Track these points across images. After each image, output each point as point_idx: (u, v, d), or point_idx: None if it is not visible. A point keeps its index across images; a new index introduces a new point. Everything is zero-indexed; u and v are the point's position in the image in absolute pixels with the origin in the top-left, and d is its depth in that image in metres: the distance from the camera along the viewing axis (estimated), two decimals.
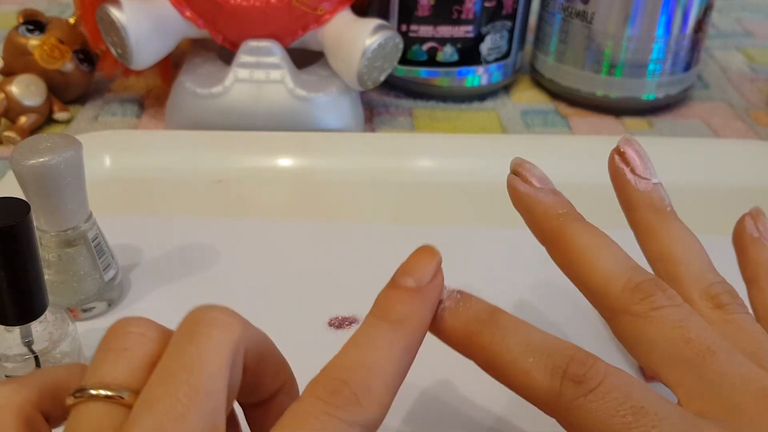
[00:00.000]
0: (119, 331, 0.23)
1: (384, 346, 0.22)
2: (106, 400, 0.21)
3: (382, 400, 0.21)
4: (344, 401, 0.21)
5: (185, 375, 0.20)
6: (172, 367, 0.21)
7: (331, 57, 0.58)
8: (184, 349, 0.21)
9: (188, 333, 0.22)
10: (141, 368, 0.22)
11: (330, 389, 0.21)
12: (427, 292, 0.24)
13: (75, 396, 0.21)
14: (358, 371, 0.21)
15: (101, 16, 0.55)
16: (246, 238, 0.45)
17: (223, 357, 0.21)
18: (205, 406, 0.20)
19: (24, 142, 0.34)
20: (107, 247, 0.39)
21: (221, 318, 0.22)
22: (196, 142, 0.54)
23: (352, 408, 0.20)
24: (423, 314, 0.24)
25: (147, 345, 0.22)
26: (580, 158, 0.53)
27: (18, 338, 0.30)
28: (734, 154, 0.54)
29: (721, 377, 0.22)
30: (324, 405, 0.20)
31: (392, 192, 0.51)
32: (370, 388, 0.21)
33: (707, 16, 0.62)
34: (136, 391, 0.21)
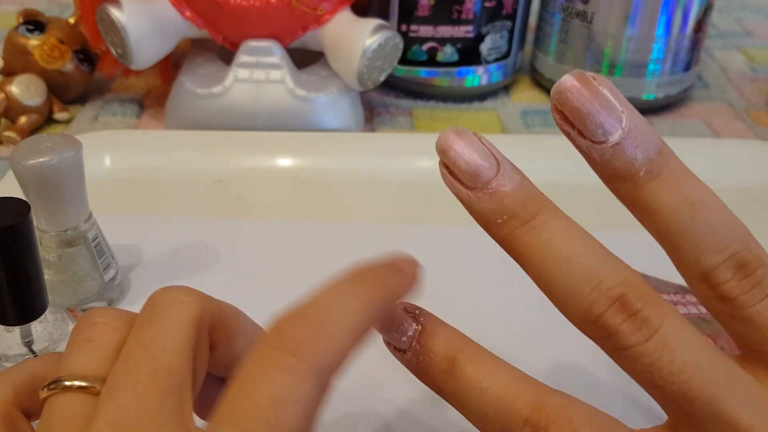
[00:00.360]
0: (85, 323, 0.23)
1: (350, 295, 0.21)
2: (78, 391, 0.21)
3: (341, 347, 0.20)
4: (295, 344, 0.19)
5: (145, 356, 0.20)
6: (132, 349, 0.21)
7: (331, 57, 0.58)
8: (143, 330, 0.21)
9: (148, 315, 0.22)
10: (108, 357, 0.22)
11: (280, 332, 0.20)
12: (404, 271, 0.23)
13: (48, 388, 0.21)
14: (314, 309, 0.20)
15: (101, 16, 0.55)
16: (246, 238, 0.45)
17: (182, 335, 0.21)
18: (168, 384, 0.20)
19: (24, 142, 0.34)
20: (107, 247, 0.39)
21: (179, 296, 0.22)
22: (196, 142, 0.54)
23: (303, 351, 0.19)
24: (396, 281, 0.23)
25: (112, 333, 0.22)
26: (580, 158, 0.53)
27: (18, 338, 0.30)
28: (734, 154, 0.54)
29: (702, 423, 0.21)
30: (272, 352, 0.19)
31: (392, 192, 0.51)
32: (330, 332, 0.20)
33: (707, 16, 0.62)
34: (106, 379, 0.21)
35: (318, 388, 0.19)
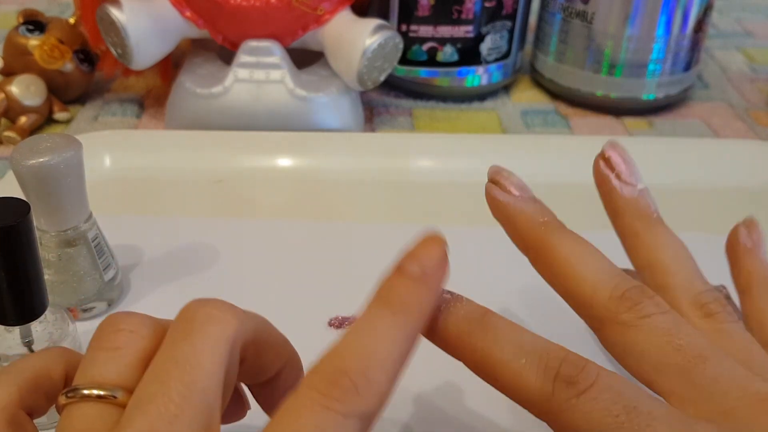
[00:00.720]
0: (110, 329, 0.22)
1: (385, 333, 0.22)
2: (99, 400, 0.21)
3: (381, 390, 0.21)
4: (341, 392, 0.20)
5: (179, 373, 0.20)
6: (166, 365, 0.21)
7: (331, 57, 0.58)
8: (178, 346, 0.21)
9: (183, 330, 0.22)
10: (133, 367, 0.21)
11: (327, 379, 0.20)
12: (432, 280, 0.23)
13: (67, 396, 0.21)
14: (357, 360, 0.21)
15: (101, 16, 0.55)
16: (246, 238, 0.45)
17: (218, 354, 0.21)
18: (200, 405, 0.20)
19: (24, 142, 0.34)
20: (107, 247, 0.39)
21: (217, 314, 0.22)
22: (196, 142, 0.54)
23: (349, 399, 0.20)
24: (426, 302, 0.23)
25: (139, 343, 0.22)
26: (580, 158, 0.53)
27: (18, 338, 0.30)
28: (734, 154, 0.54)
29: (713, 383, 0.22)
30: (321, 397, 0.20)
31: (392, 192, 0.51)
32: (369, 378, 0.20)
33: (707, 16, 0.62)
34: (130, 390, 0.21)
35: (361, 430, 0.20)
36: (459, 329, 0.24)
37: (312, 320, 0.38)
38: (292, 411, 0.20)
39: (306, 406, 0.20)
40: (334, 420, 0.19)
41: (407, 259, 0.23)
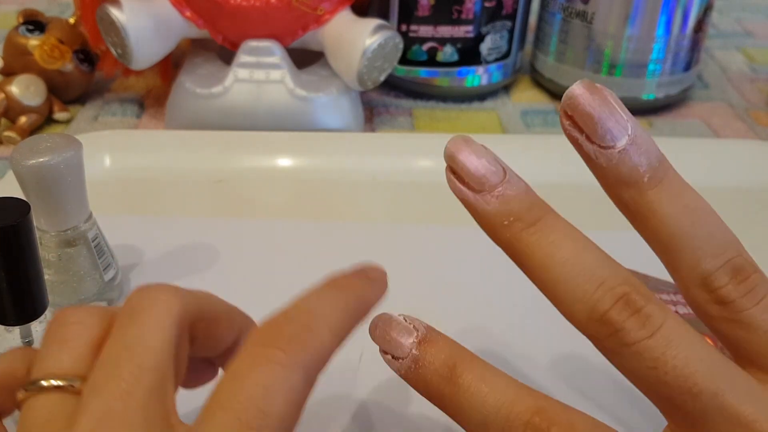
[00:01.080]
0: (58, 324, 0.23)
1: (328, 296, 0.23)
2: (56, 390, 0.21)
3: (323, 340, 0.21)
4: (284, 341, 0.20)
5: (128, 354, 0.21)
6: (115, 349, 0.21)
7: (331, 57, 0.58)
8: (125, 330, 0.22)
9: (129, 315, 0.22)
10: (86, 356, 0.22)
11: (270, 332, 0.21)
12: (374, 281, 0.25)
13: (27, 390, 0.21)
14: (300, 312, 0.22)
15: (101, 16, 0.55)
16: (246, 239, 0.45)
17: (164, 333, 0.22)
18: (151, 382, 0.20)
19: (24, 142, 0.34)
20: (107, 247, 0.39)
21: (159, 296, 0.23)
22: (196, 142, 0.54)
23: (291, 348, 0.20)
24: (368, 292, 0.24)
25: (87, 332, 0.23)
26: (580, 158, 0.53)
27: (18, 338, 0.30)
28: (734, 154, 0.54)
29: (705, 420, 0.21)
30: (263, 349, 0.20)
31: (392, 192, 0.51)
32: (311, 327, 0.21)
33: (707, 16, 0.62)
34: (84, 377, 0.21)
35: (305, 382, 0.20)
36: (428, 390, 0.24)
37: None
38: (236, 371, 0.20)
39: (248, 364, 0.20)
40: (277, 372, 0.20)
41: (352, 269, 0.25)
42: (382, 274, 0.26)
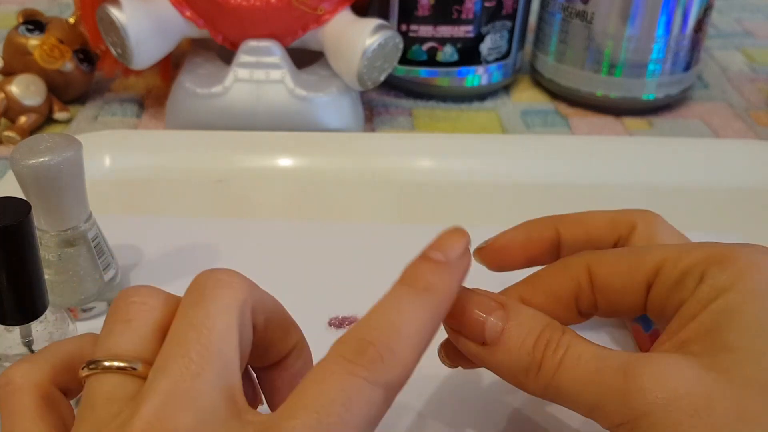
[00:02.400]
0: (122, 302, 0.23)
1: (409, 310, 0.22)
2: (118, 371, 0.22)
3: (405, 362, 0.22)
4: (368, 361, 0.21)
5: (195, 335, 0.21)
6: (181, 329, 0.22)
7: (331, 57, 0.58)
8: (192, 311, 0.22)
9: (195, 296, 0.22)
10: (147, 337, 0.22)
11: (354, 349, 0.21)
12: (455, 267, 0.24)
13: (88, 368, 0.22)
14: (383, 332, 0.22)
15: (101, 16, 0.55)
16: (246, 239, 0.45)
17: (231, 315, 0.22)
18: (218, 364, 0.21)
19: (24, 142, 0.34)
20: (107, 247, 0.39)
21: (226, 279, 0.23)
22: (196, 142, 0.54)
23: (375, 367, 0.21)
24: (449, 286, 0.24)
25: (151, 313, 0.23)
26: (580, 158, 0.53)
27: (18, 338, 0.30)
28: (734, 154, 0.54)
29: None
30: (348, 364, 0.21)
31: (392, 192, 0.51)
32: (394, 349, 0.21)
33: (707, 16, 0.62)
34: (146, 360, 0.22)
35: (385, 400, 0.21)
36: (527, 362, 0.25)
37: (312, 320, 0.38)
38: (319, 377, 0.21)
39: (333, 372, 0.21)
40: (360, 386, 0.20)
41: (430, 247, 0.24)
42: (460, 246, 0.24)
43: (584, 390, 0.24)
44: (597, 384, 0.24)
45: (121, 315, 0.23)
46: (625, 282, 0.27)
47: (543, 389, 0.25)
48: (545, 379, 0.25)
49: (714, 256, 0.25)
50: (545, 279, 0.29)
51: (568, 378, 0.24)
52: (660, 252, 0.27)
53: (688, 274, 0.26)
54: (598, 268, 0.28)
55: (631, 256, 0.28)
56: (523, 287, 0.29)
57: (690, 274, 0.25)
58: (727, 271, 0.25)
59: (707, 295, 0.24)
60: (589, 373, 0.24)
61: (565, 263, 0.29)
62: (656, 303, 0.27)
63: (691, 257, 0.26)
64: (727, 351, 0.23)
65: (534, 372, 0.25)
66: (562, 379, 0.24)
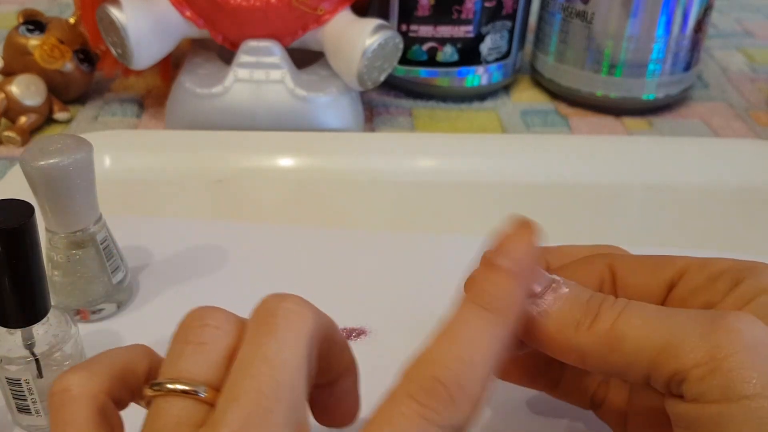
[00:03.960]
0: (195, 323, 0.23)
1: (479, 336, 0.22)
2: (184, 395, 0.21)
3: (475, 399, 0.21)
4: (439, 403, 0.20)
5: (268, 369, 0.21)
6: (254, 360, 0.21)
7: (331, 57, 0.58)
8: (263, 342, 0.21)
9: (266, 325, 0.22)
10: (218, 363, 0.22)
11: (425, 388, 0.21)
12: (524, 274, 0.23)
13: (153, 388, 0.22)
14: (454, 368, 0.21)
15: (101, 16, 0.55)
16: (253, 243, 0.45)
17: (302, 349, 0.22)
18: (290, 400, 0.20)
19: (34, 142, 0.34)
20: (117, 250, 0.39)
21: (296, 309, 0.22)
22: (196, 142, 0.54)
23: (446, 410, 0.20)
24: (520, 300, 0.23)
25: (224, 339, 0.22)
26: (580, 158, 0.53)
27: (20, 340, 0.30)
28: (734, 154, 0.54)
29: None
30: (419, 407, 0.20)
31: (392, 192, 0.51)
32: (465, 388, 0.21)
33: (707, 16, 0.62)
34: (214, 386, 0.21)
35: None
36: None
37: None
38: (391, 418, 0.20)
39: (405, 415, 0.20)
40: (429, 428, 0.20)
41: (497, 251, 0.23)
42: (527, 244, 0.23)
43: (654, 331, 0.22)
44: (671, 325, 0.22)
45: (193, 337, 0.22)
46: (648, 280, 0.27)
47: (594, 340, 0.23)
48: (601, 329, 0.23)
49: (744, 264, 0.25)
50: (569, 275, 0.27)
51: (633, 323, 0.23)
52: (683, 258, 0.27)
53: (718, 278, 0.25)
54: (621, 265, 0.27)
55: (654, 259, 0.27)
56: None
57: (721, 278, 0.25)
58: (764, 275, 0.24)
59: (747, 294, 0.24)
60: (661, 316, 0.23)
61: (589, 260, 0.28)
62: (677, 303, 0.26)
63: (720, 264, 0.26)
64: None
65: (587, 324, 0.23)
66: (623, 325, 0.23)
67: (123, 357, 0.24)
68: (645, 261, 0.27)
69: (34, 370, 0.30)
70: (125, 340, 0.38)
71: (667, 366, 0.22)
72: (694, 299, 0.25)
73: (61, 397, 0.23)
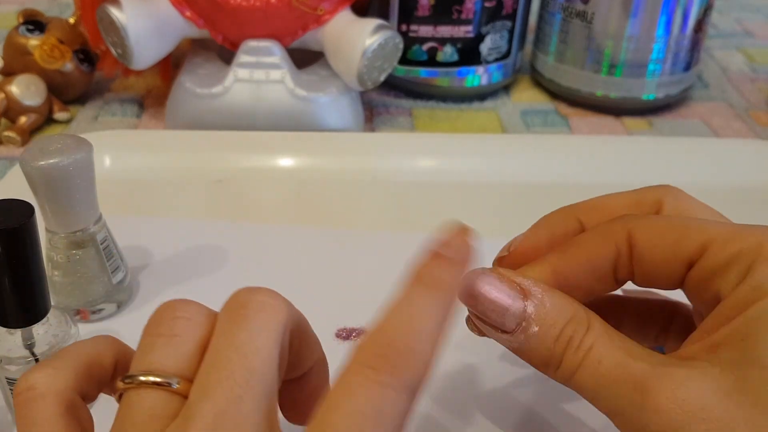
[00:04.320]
0: (167, 315, 0.23)
1: (423, 307, 0.22)
2: (156, 387, 0.21)
3: (426, 361, 0.21)
4: (391, 365, 0.20)
5: (239, 358, 0.21)
6: (226, 351, 0.21)
7: (331, 57, 0.58)
8: (234, 333, 0.22)
9: (237, 316, 0.22)
10: (190, 354, 0.22)
11: (376, 353, 0.21)
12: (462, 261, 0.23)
13: (125, 381, 0.21)
14: (401, 332, 0.21)
15: (101, 16, 0.55)
16: (253, 244, 0.45)
17: (273, 339, 0.22)
18: (261, 389, 0.21)
19: (34, 142, 0.34)
20: (117, 250, 0.39)
21: (269, 301, 0.23)
22: (196, 142, 0.54)
23: (399, 372, 0.20)
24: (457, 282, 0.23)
25: (196, 330, 0.22)
26: (580, 158, 0.53)
27: (20, 340, 0.30)
28: (734, 154, 0.54)
29: None
30: (373, 372, 0.20)
31: (392, 192, 0.51)
32: (415, 349, 0.21)
33: (707, 16, 0.62)
34: (186, 377, 0.21)
35: (412, 402, 0.21)
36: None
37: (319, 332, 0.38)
38: (347, 389, 0.20)
39: (361, 384, 0.20)
40: (389, 396, 0.20)
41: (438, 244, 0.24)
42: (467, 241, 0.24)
43: (603, 395, 0.24)
44: (615, 394, 0.23)
45: (165, 329, 0.22)
46: (667, 256, 0.26)
47: (565, 383, 0.25)
48: (565, 376, 0.24)
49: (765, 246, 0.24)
50: (583, 247, 0.27)
51: (588, 381, 0.24)
52: (709, 229, 0.25)
53: (733, 263, 0.24)
54: (641, 236, 0.26)
55: (677, 228, 0.26)
56: (557, 258, 0.27)
57: (736, 263, 0.24)
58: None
59: (746, 296, 0.23)
60: (609, 381, 0.23)
61: (606, 229, 0.27)
62: (694, 283, 0.26)
63: (742, 243, 0.24)
64: (759, 367, 0.22)
65: (554, 367, 0.25)
66: (581, 380, 0.24)
67: (88, 350, 0.24)
68: (667, 231, 0.26)
69: None
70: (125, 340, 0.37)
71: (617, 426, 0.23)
72: (709, 287, 0.25)
73: (26, 395, 0.22)
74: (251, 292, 0.23)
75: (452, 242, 0.24)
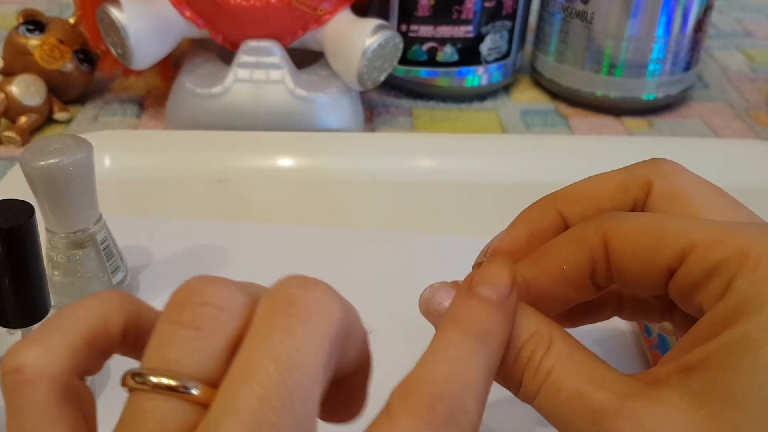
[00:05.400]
0: (193, 300, 0.19)
1: (473, 361, 0.20)
2: (171, 393, 0.17)
3: (475, 421, 0.20)
4: (442, 421, 0.19)
5: (278, 373, 0.17)
6: (262, 360, 0.17)
7: (331, 57, 0.58)
8: (277, 339, 0.17)
9: (282, 316, 0.18)
10: (217, 354, 0.18)
11: (426, 406, 0.19)
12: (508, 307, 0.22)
13: (135, 380, 0.18)
14: (452, 387, 0.20)
15: (101, 16, 0.55)
16: (255, 243, 0.45)
17: (323, 353, 0.18)
18: (300, 413, 0.17)
19: (34, 143, 0.34)
20: (117, 250, 0.39)
21: (323, 300, 0.18)
22: (196, 142, 0.54)
23: (448, 429, 0.19)
24: (506, 330, 0.22)
25: (227, 324, 0.18)
26: (580, 158, 0.53)
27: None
28: (734, 154, 0.54)
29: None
30: (422, 425, 0.19)
31: (392, 192, 0.51)
32: (466, 407, 0.19)
33: (707, 16, 0.62)
34: (210, 383, 0.18)
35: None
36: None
37: None
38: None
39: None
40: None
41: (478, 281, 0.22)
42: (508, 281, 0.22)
43: (562, 425, 0.22)
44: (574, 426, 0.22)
45: (188, 317, 0.18)
46: (645, 264, 0.23)
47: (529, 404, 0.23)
48: (527, 399, 0.23)
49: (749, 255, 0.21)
50: (554, 256, 0.25)
51: (546, 408, 0.22)
52: (689, 232, 0.23)
53: (714, 274, 0.22)
54: (616, 241, 0.24)
55: (654, 232, 0.23)
56: (528, 268, 0.25)
57: (717, 275, 0.22)
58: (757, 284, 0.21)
59: (725, 316, 0.21)
60: (566, 410, 0.22)
61: (578, 234, 0.25)
62: (677, 293, 0.23)
63: (723, 250, 0.22)
64: (731, 404, 0.20)
65: (515, 388, 0.23)
66: (541, 405, 0.23)
67: (91, 318, 0.20)
68: (643, 236, 0.23)
69: None
70: None
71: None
72: (690, 299, 0.23)
73: (13, 378, 0.18)
74: (303, 286, 0.19)
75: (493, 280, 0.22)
